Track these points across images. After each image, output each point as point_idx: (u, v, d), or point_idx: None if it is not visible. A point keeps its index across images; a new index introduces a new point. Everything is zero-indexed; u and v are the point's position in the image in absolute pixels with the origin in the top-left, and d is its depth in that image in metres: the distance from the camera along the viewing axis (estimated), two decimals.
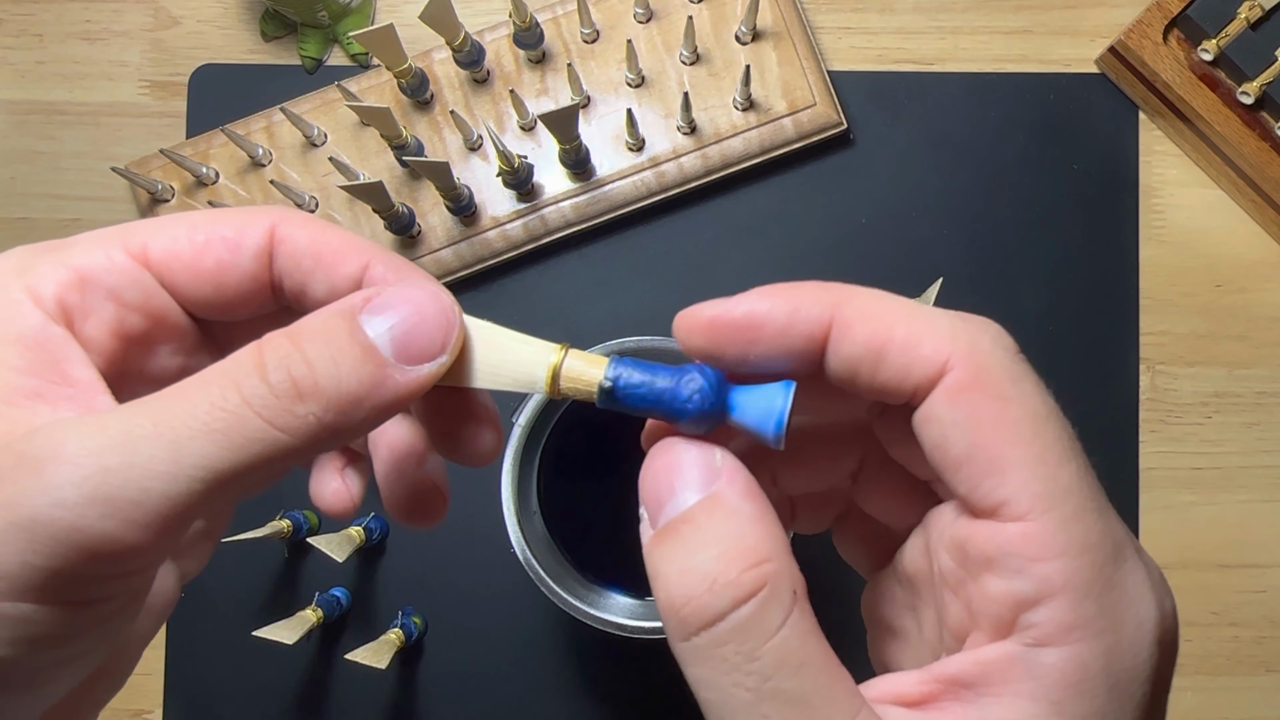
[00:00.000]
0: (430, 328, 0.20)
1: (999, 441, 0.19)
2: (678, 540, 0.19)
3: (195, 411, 0.18)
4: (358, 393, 0.19)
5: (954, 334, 0.20)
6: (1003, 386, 0.20)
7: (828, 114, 0.51)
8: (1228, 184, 0.52)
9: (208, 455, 0.18)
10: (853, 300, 0.21)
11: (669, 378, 0.21)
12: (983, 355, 0.20)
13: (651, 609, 0.44)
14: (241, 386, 0.18)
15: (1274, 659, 0.51)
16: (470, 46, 0.49)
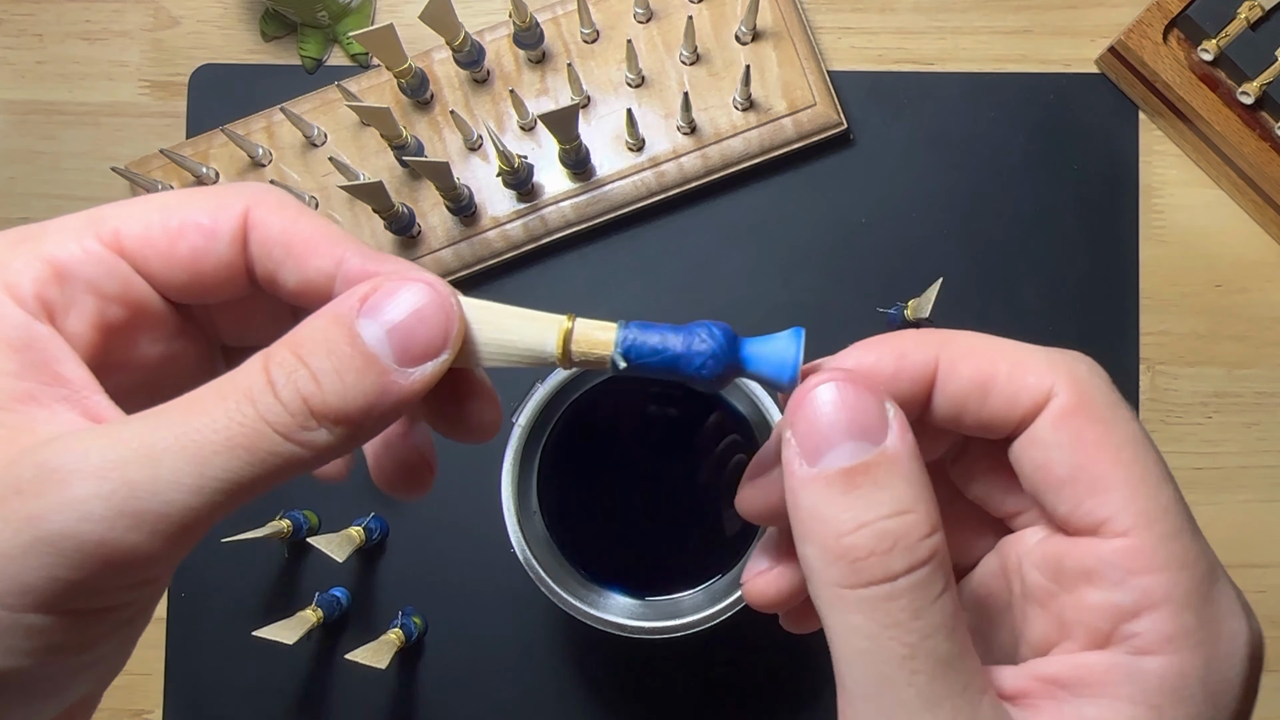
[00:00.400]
0: (430, 325, 0.20)
1: (1102, 462, 0.20)
2: (856, 492, 0.20)
3: (215, 425, 0.18)
4: (365, 404, 0.19)
5: (1054, 365, 0.21)
6: (1104, 412, 0.21)
7: (828, 114, 0.51)
8: (1228, 184, 0.52)
9: (230, 469, 0.18)
10: (955, 341, 0.22)
11: (681, 338, 0.21)
12: (1084, 383, 0.21)
13: (651, 609, 0.44)
14: (257, 402, 0.18)
15: (1274, 659, 0.51)
16: (470, 46, 0.49)
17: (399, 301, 0.20)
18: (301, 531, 0.49)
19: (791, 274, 0.52)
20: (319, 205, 0.51)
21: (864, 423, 0.20)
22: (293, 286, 0.22)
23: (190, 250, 0.21)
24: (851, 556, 0.19)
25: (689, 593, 0.44)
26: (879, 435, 0.20)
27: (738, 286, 0.52)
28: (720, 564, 0.45)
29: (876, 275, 0.52)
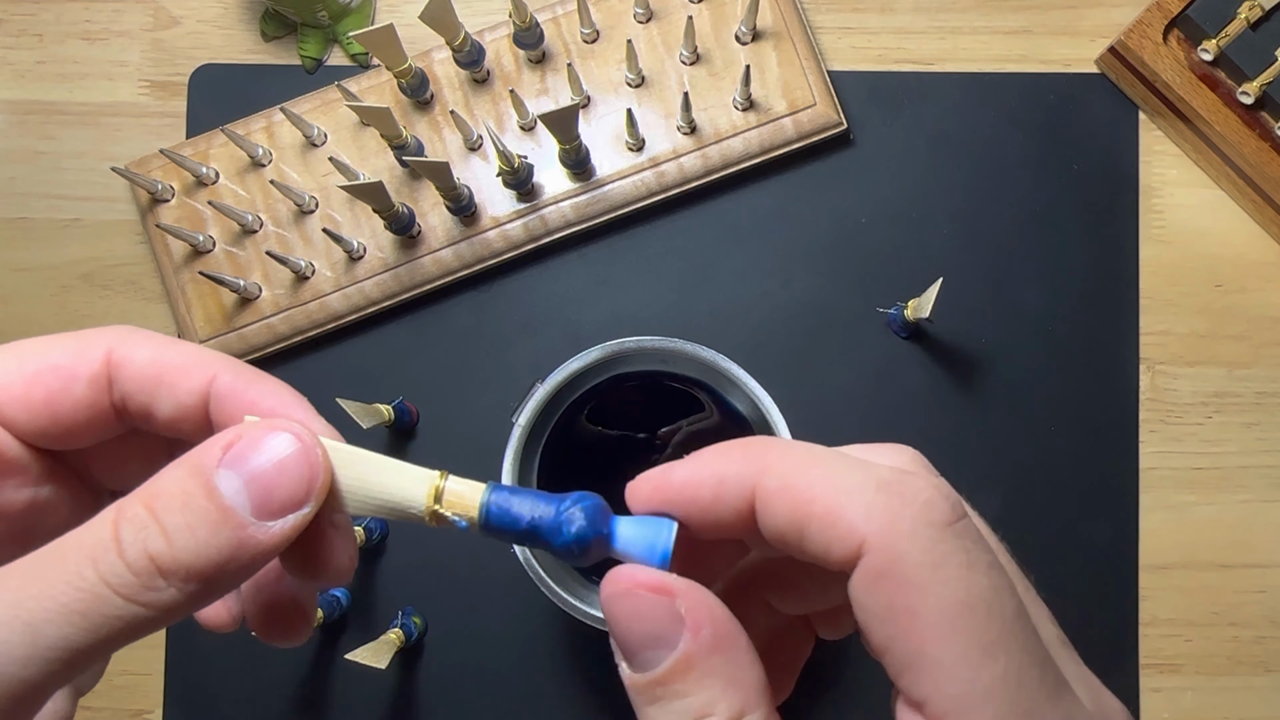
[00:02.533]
0: (291, 478, 0.19)
1: (913, 636, 0.18)
2: (658, 703, 0.19)
3: (51, 592, 0.17)
4: (218, 560, 0.18)
5: (869, 511, 0.18)
6: (919, 574, 0.18)
7: (828, 114, 0.51)
8: (1228, 184, 0.52)
9: (65, 637, 0.17)
10: (775, 467, 0.20)
11: (551, 510, 0.21)
12: (898, 537, 0.18)
13: None
14: (99, 563, 0.18)
15: (1274, 659, 0.51)
16: (470, 46, 0.49)
17: (260, 451, 0.19)
18: None
19: (791, 274, 0.52)
20: (319, 205, 0.51)
21: (654, 631, 0.19)
22: (167, 416, 0.21)
23: (46, 393, 0.21)
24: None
25: None
26: (673, 640, 0.19)
27: (738, 286, 0.52)
28: None
29: (876, 275, 0.52)
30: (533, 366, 0.50)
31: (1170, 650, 0.51)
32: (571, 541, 0.20)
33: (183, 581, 0.18)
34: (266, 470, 0.19)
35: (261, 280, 0.51)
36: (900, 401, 0.51)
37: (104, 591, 0.18)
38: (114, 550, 0.18)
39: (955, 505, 0.19)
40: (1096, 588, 0.50)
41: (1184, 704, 0.50)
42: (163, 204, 0.51)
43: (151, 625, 0.18)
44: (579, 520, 0.20)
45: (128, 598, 0.18)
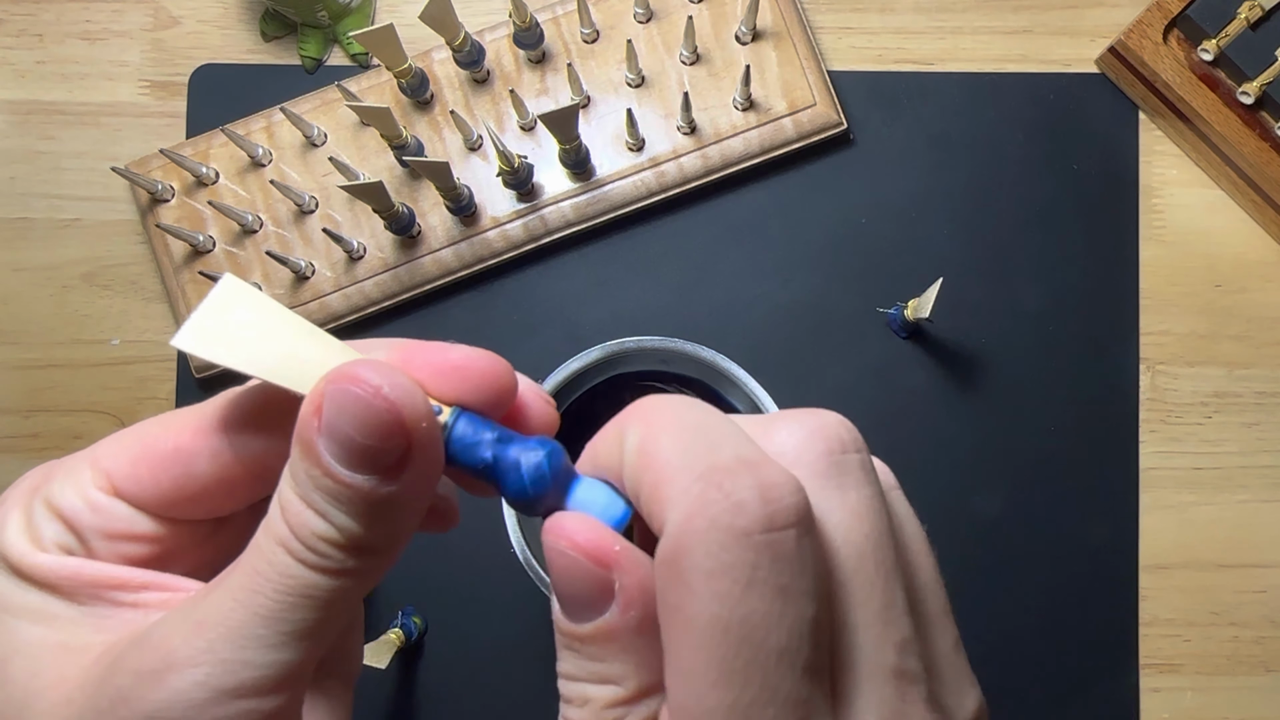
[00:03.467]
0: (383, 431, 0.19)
1: (672, 633, 0.17)
2: (571, 654, 0.19)
3: (275, 586, 0.19)
4: (386, 528, 0.19)
5: (679, 497, 0.17)
6: (692, 578, 0.17)
7: (828, 114, 0.51)
8: (1228, 184, 0.52)
9: (304, 619, 0.19)
10: (640, 425, 0.20)
11: (513, 451, 0.20)
12: (690, 532, 0.17)
13: None
14: (296, 554, 0.19)
15: (1274, 659, 0.51)
16: (470, 46, 0.49)
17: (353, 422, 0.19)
18: None
19: (791, 274, 0.52)
20: (319, 205, 0.51)
21: (585, 596, 0.19)
22: None
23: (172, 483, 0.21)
24: (563, 695, 0.19)
25: None
26: (602, 606, 0.18)
27: (738, 286, 0.52)
28: None
29: (876, 275, 0.52)
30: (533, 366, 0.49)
31: (1170, 650, 0.51)
32: (524, 492, 0.20)
33: (369, 552, 0.19)
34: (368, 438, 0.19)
35: (261, 280, 0.51)
36: (900, 401, 0.51)
37: (313, 576, 0.19)
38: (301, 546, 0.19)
39: (774, 515, 0.17)
40: (1096, 588, 0.50)
41: (1184, 704, 0.50)
42: (163, 204, 0.51)
43: (370, 585, 0.20)
44: (538, 469, 0.20)
45: (333, 573, 0.19)
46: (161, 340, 0.53)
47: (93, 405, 0.52)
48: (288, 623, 0.19)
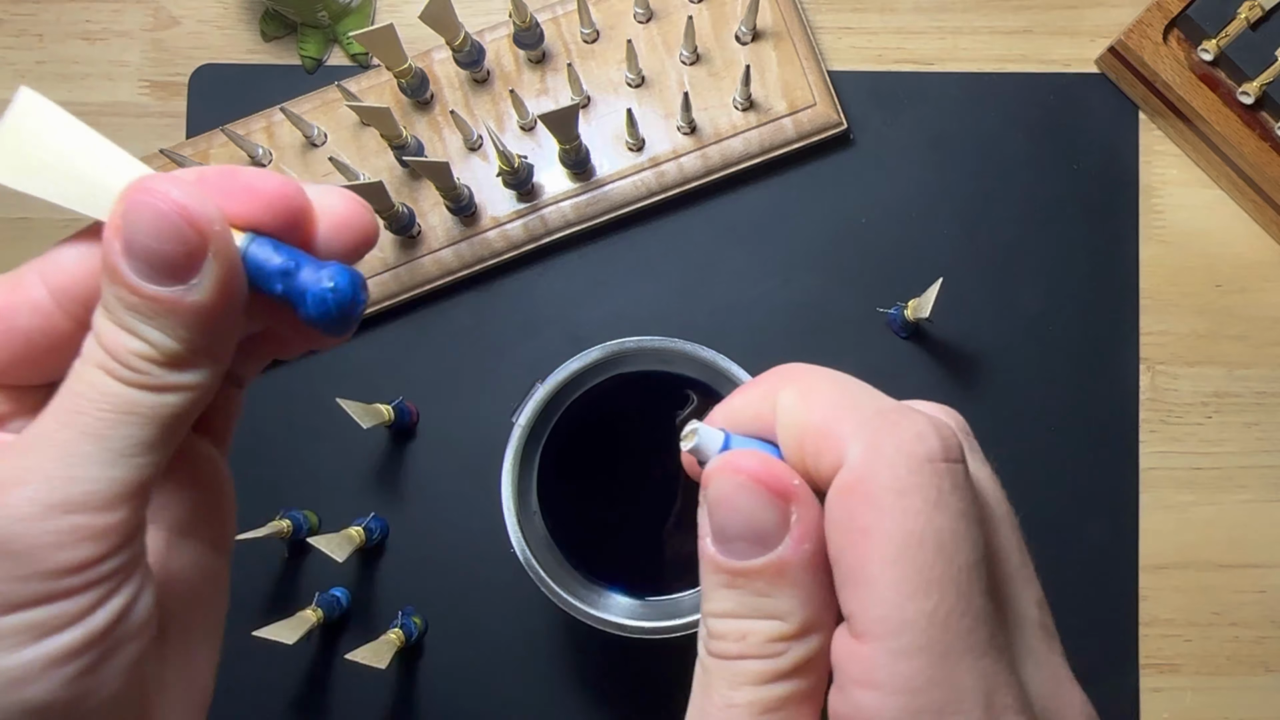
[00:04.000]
0: (173, 236, 0.19)
1: (859, 553, 0.18)
2: (734, 590, 0.20)
3: (100, 408, 0.19)
4: (191, 335, 0.20)
5: (858, 430, 0.19)
6: (882, 498, 0.18)
7: (828, 114, 0.51)
8: (1228, 184, 0.52)
9: (131, 435, 0.19)
10: (795, 384, 0.21)
11: (301, 273, 0.20)
12: (875, 459, 0.18)
13: (651, 609, 0.44)
14: (115, 374, 0.20)
15: (1274, 659, 0.51)
16: (470, 46, 0.49)
17: (147, 232, 0.19)
18: (302, 531, 0.49)
19: (791, 274, 0.52)
20: None
21: (760, 528, 0.19)
22: None
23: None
24: (716, 633, 0.20)
25: (689, 593, 0.44)
26: (774, 541, 0.19)
27: (738, 286, 0.52)
28: None
29: (876, 275, 0.52)
30: (533, 366, 0.50)
31: (1170, 650, 0.51)
32: (312, 313, 0.20)
33: (184, 364, 0.20)
34: (156, 248, 0.19)
35: None
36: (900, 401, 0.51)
37: (135, 394, 0.20)
38: (119, 365, 0.20)
39: (949, 448, 0.19)
40: (1096, 588, 0.50)
41: (1184, 704, 0.50)
42: None
43: (203, 398, 0.20)
44: (324, 294, 0.20)
45: (155, 388, 0.20)
46: None
47: None
48: (115, 439, 0.19)
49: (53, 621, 0.19)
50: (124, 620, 0.20)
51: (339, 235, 0.22)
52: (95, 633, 0.19)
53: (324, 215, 0.21)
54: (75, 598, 0.19)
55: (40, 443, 0.19)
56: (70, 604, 0.19)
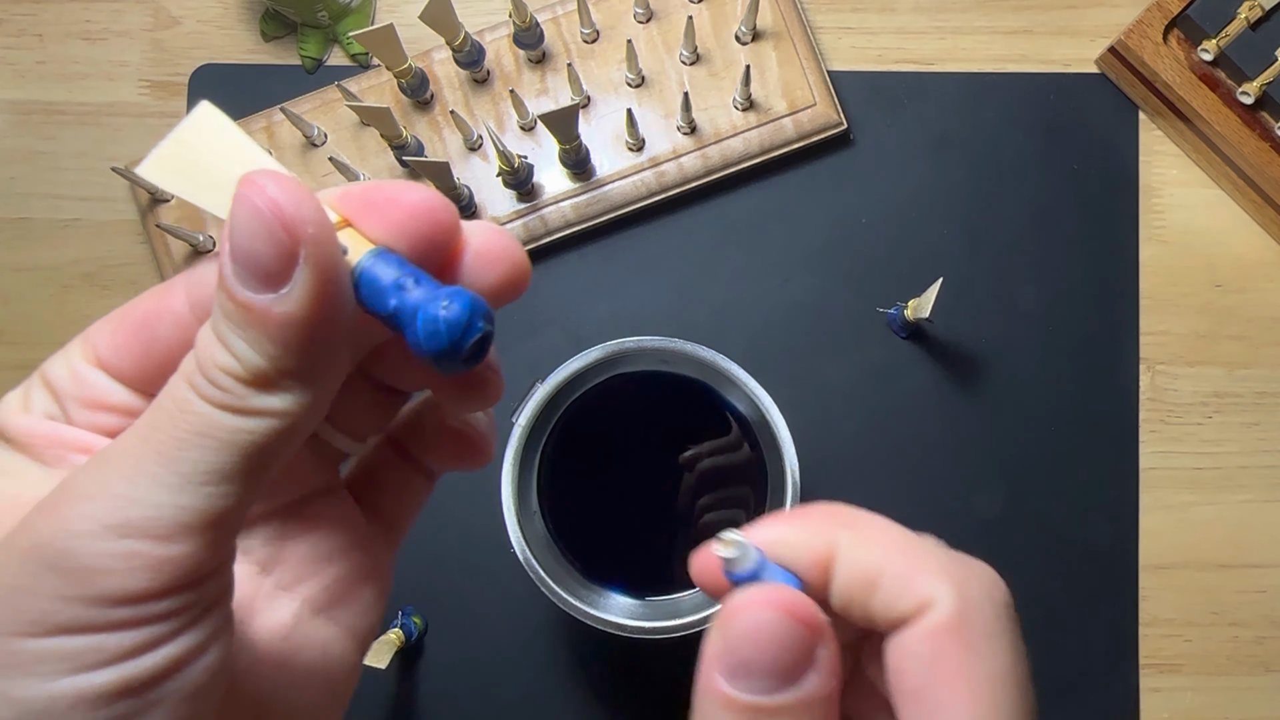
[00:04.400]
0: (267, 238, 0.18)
1: (955, 688, 0.19)
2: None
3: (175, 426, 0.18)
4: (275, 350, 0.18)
5: (947, 574, 0.20)
6: (979, 640, 0.20)
7: (828, 114, 0.51)
8: (1228, 184, 0.52)
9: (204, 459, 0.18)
10: (855, 527, 0.21)
11: (415, 294, 0.18)
12: (971, 603, 0.20)
13: (651, 609, 0.44)
14: (200, 390, 0.18)
15: (1274, 659, 0.51)
16: (470, 46, 0.49)
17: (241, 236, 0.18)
18: None
19: (791, 274, 0.52)
20: None
21: (789, 663, 0.19)
22: None
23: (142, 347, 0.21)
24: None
25: (689, 593, 0.44)
26: (798, 677, 0.19)
27: (738, 286, 0.52)
28: None
29: (876, 275, 0.52)
30: (533, 366, 0.49)
31: (1170, 650, 0.51)
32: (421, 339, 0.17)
33: (270, 385, 0.18)
34: (250, 248, 0.18)
35: None
36: (900, 401, 0.51)
37: (213, 412, 0.18)
38: (203, 379, 0.18)
39: (1008, 596, 0.21)
40: (1096, 588, 0.50)
41: (1184, 704, 0.50)
42: (163, 204, 0.51)
43: (288, 432, 0.18)
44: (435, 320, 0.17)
45: (237, 410, 0.18)
46: None
47: None
48: (185, 463, 0.18)
49: (94, 654, 0.17)
50: (178, 672, 0.18)
51: (487, 268, 0.20)
52: (139, 677, 0.17)
53: (471, 243, 0.20)
54: (123, 632, 0.17)
55: (115, 458, 0.18)
56: (116, 638, 0.17)
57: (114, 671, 0.17)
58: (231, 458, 0.18)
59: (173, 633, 0.18)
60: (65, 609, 0.17)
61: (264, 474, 0.18)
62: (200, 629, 0.18)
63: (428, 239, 0.19)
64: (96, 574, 0.17)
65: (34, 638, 0.17)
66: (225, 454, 0.18)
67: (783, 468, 0.42)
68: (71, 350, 0.21)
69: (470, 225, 0.20)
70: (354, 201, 0.19)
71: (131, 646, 0.17)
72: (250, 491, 0.18)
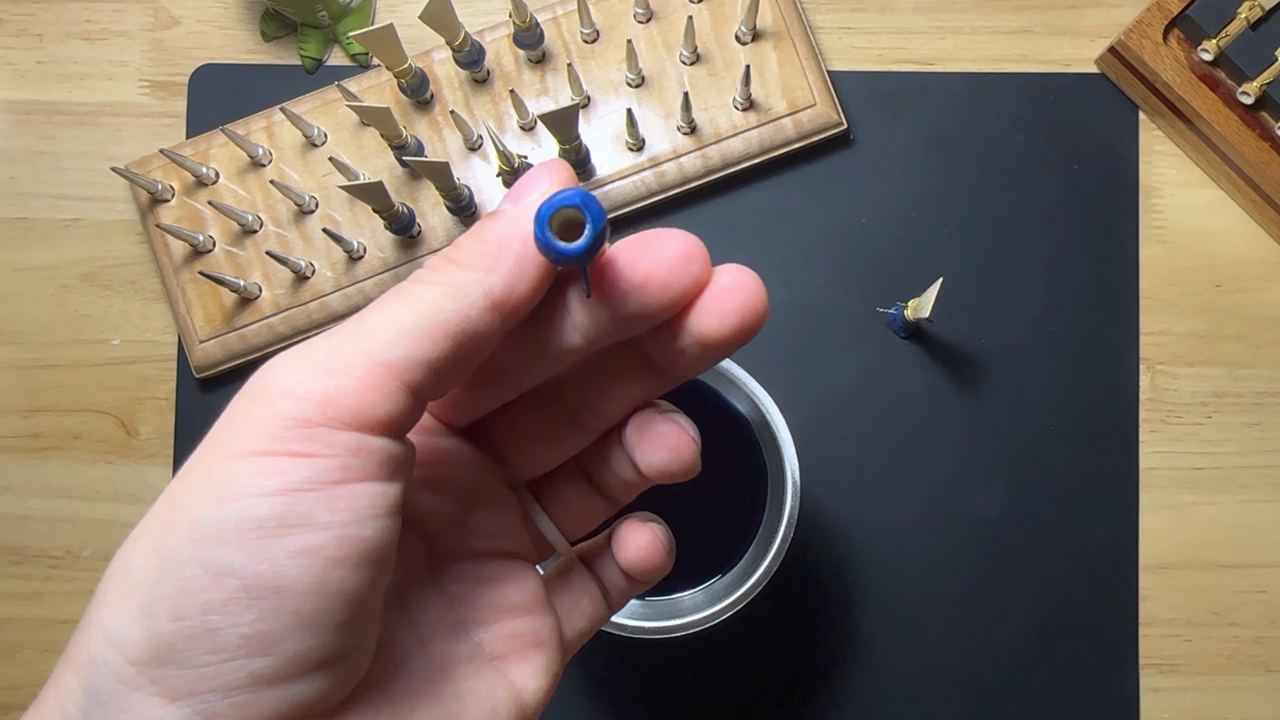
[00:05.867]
0: (530, 176, 0.22)
1: None
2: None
3: (381, 300, 0.21)
4: (488, 235, 0.21)
5: None
6: None
7: (828, 114, 0.51)
8: (1228, 184, 0.52)
9: (396, 317, 0.20)
10: None
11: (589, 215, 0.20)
12: None
13: (651, 609, 0.44)
14: (412, 277, 0.21)
15: (1274, 659, 0.51)
16: (470, 46, 0.49)
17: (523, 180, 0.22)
18: None
19: (791, 274, 0.52)
20: (319, 205, 0.51)
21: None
22: None
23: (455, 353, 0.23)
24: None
25: (689, 593, 0.44)
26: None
27: None
28: (720, 564, 0.45)
29: (876, 275, 0.52)
30: None
31: (1170, 650, 0.51)
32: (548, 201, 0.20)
33: (471, 262, 0.21)
34: (521, 182, 0.22)
35: (261, 280, 0.51)
36: (900, 401, 0.51)
37: (413, 285, 0.21)
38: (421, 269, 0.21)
39: None
40: (1096, 588, 0.51)
41: (1184, 704, 0.50)
42: (163, 204, 0.51)
43: (469, 306, 0.20)
44: None
45: (430, 282, 0.21)
46: (162, 340, 0.52)
47: (93, 405, 0.52)
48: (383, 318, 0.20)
49: (271, 477, 0.19)
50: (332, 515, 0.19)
51: (722, 302, 0.24)
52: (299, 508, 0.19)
53: (720, 279, 0.24)
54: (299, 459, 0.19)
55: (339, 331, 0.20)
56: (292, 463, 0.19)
57: (277, 502, 0.19)
58: (415, 314, 0.20)
59: (337, 476, 0.19)
60: (249, 428, 0.19)
61: (445, 345, 0.20)
62: (365, 488, 0.20)
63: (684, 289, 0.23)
64: (286, 397, 0.19)
65: (221, 461, 0.19)
66: (409, 310, 0.20)
67: (783, 468, 0.42)
68: None
69: (722, 267, 0.23)
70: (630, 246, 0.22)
71: (295, 481, 0.19)
72: (431, 357, 0.20)
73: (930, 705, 0.50)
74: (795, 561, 0.49)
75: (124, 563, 0.19)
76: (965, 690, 0.50)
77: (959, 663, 0.50)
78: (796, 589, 0.50)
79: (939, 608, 0.50)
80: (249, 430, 0.19)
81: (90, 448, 0.52)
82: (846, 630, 0.50)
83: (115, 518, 0.52)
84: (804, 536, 0.50)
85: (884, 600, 0.50)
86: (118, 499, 0.52)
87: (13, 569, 0.52)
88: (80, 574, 0.52)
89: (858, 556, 0.51)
